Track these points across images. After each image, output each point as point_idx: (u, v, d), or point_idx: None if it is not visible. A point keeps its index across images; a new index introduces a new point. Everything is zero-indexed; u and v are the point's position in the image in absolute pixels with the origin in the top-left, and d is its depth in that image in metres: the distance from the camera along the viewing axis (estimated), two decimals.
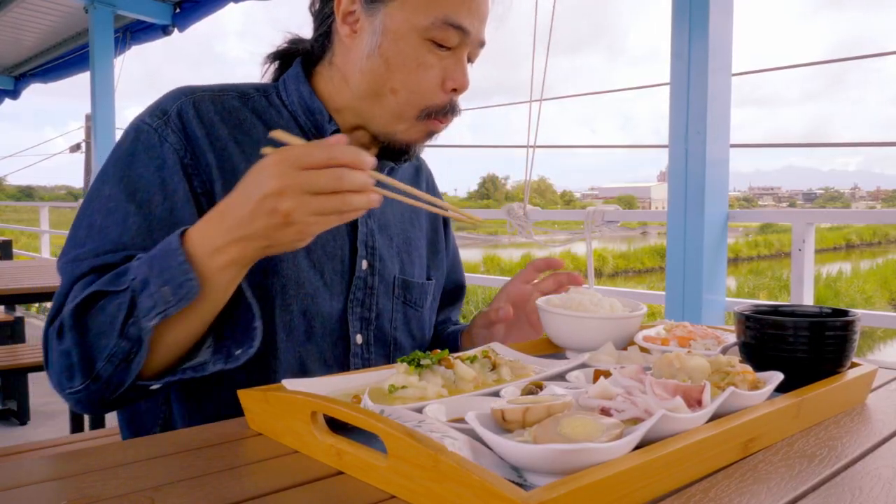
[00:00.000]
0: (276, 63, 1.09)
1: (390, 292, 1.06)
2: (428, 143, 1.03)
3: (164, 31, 5.64)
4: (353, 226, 1.03)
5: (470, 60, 1.00)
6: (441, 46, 0.94)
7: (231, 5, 5.05)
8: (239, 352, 0.84)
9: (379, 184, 0.79)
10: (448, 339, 1.21)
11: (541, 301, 1.02)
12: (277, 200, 0.72)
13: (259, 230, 0.75)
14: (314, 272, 0.97)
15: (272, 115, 1.01)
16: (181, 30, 5.60)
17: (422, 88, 0.95)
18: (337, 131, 1.01)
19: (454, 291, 1.29)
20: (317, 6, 1.03)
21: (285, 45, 1.08)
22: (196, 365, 0.85)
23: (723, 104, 2.53)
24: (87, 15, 5.55)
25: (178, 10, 5.53)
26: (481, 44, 0.99)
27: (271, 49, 1.09)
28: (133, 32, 5.92)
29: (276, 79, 1.08)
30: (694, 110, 2.48)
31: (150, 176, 0.90)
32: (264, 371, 0.93)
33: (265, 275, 0.93)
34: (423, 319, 1.13)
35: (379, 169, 1.07)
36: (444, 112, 0.98)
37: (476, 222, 0.94)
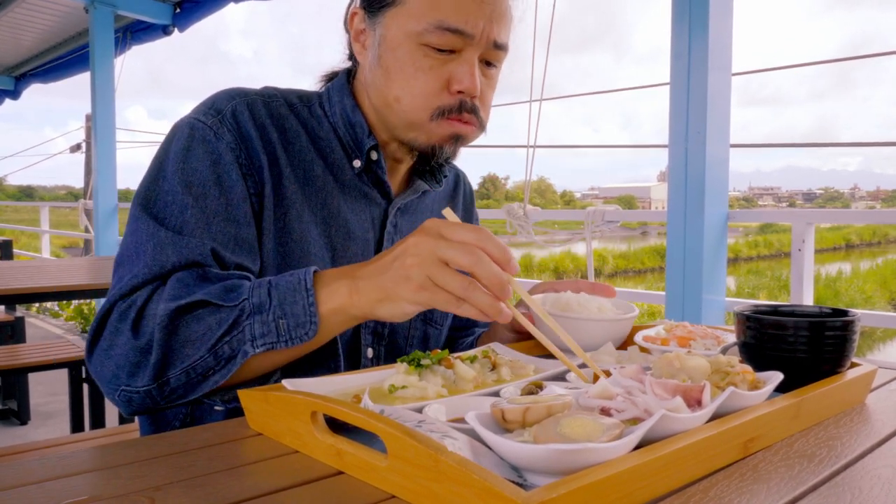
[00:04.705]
0: (332, 76, 1.08)
1: None
2: (457, 146, 0.98)
3: (165, 30, 5.65)
4: (381, 244, 1.04)
5: (491, 63, 0.97)
6: (441, 51, 0.92)
7: (231, 5, 5.05)
8: None
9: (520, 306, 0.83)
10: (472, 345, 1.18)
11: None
12: (411, 269, 0.73)
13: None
14: None
15: (314, 126, 1.01)
16: (181, 30, 5.61)
17: (423, 92, 0.93)
18: (375, 146, 1.00)
19: None
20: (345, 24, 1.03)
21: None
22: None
23: (723, 104, 2.53)
24: (87, 15, 5.56)
25: (178, 10, 5.54)
26: (496, 45, 0.94)
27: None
28: (133, 32, 5.93)
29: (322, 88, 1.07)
30: (694, 110, 2.49)
31: (206, 170, 0.89)
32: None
33: None
34: (441, 336, 1.14)
35: (414, 192, 1.07)
36: (457, 110, 0.93)
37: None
